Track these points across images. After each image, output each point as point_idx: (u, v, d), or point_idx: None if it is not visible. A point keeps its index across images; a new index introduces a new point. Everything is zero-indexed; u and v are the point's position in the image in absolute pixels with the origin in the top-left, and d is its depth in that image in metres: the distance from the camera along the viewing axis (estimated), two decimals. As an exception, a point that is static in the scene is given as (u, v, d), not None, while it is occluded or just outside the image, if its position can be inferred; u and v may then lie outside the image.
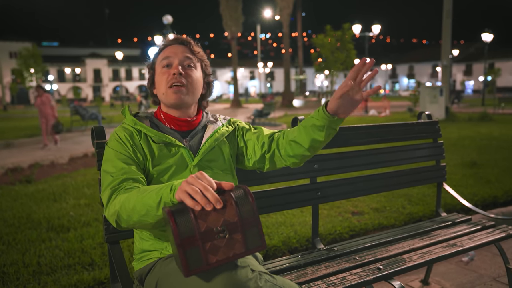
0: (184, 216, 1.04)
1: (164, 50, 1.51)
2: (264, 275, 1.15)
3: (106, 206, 1.30)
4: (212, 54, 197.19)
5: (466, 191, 4.50)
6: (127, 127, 1.44)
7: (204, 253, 1.04)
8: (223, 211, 1.06)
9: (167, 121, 1.50)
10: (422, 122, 2.49)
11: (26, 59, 19.95)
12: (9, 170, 6.92)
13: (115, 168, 1.34)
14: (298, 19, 49.36)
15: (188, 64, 1.48)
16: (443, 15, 16.82)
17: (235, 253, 1.06)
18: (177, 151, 1.43)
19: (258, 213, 1.11)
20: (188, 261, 1.03)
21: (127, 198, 1.22)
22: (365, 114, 20.76)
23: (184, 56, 1.48)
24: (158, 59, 1.51)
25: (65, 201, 4.46)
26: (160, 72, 1.48)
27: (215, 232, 1.05)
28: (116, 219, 1.25)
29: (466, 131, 11.02)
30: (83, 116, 15.43)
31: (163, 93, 1.47)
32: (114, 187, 1.30)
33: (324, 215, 3.88)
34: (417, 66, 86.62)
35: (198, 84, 1.51)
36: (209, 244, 1.04)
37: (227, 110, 29.89)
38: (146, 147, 1.41)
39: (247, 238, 1.08)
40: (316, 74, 66.79)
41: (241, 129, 1.61)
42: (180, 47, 1.50)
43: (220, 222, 1.05)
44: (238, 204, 1.08)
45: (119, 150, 1.38)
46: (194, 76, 1.49)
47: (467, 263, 2.90)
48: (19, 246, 3.14)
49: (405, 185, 2.42)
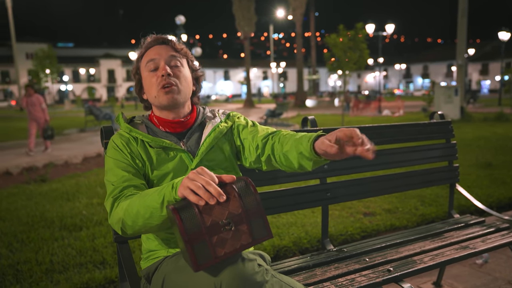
0: (189, 212, 1.05)
1: (146, 53, 1.47)
2: (270, 270, 1.15)
3: (110, 215, 1.30)
4: (225, 54, 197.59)
5: (481, 192, 4.43)
6: (123, 133, 1.43)
7: (212, 247, 1.05)
8: (227, 204, 1.07)
9: (161, 125, 1.47)
10: (435, 122, 2.46)
11: (42, 60, 20.27)
12: (25, 169, 7.03)
13: (116, 177, 1.33)
14: (311, 18, 49.23)
15: (174, 63, 1.45)
16: (458, 14, 16.59)
17: (242, 244, 1.07)
18: (175, 155, 1.41)
19: (262, 203, 1.11)
20: (197, 256, 1.04)
21: (129, 204, 1.22)
22: (379, 114, 20.60)
23: (169, 56, 1.44)
24: (142, 63, 1.47)
25: (78, 200, 4.51)
26: (148, 76, 1.45)
27: (221, 225, 1.06)
28: (121, 226, 1.25)
29: (481, 132, 10.85)
30: (97, 116, 15.59)
31: (154, 96, 1.43)
32: (115, 195, 1.30)
33: (336, 215, 3.85)
34: (432, 66, 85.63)
35: (188, 82, 1.48)
36: (216, 238, 1.05)
37: (240, 110, 29.92)
38: (144, 153, 1.39)
39: (253, 229, 1.09)
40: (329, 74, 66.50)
41: (238, 127, 1.54)
42: (162, 47, 1.46)
43: (225, 215, 1.06)
44: (241, 195, 1.09)
45: (118, 158, 1.37)
46: (182, 74, 1.45)
47: (481, 266, 2.85)
48: (32, 244, 3.18)
49: (417, 186, 2.38)
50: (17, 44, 45.27)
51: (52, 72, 19.99)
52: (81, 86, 74.81)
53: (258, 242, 1.10)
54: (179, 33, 19.92)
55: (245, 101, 37.36)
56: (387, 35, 27.97)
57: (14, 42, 41.41)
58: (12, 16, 38.30)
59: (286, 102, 18.77)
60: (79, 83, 75.19)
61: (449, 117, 14.78)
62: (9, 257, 2.94)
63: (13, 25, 39.05)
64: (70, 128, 16.07)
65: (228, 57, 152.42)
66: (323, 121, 16.14)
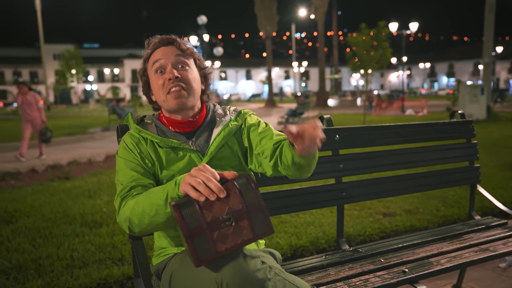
0: (190, 208, 1.07)
1: (153, 54, 1.45)
2: (274, 268, 1.14)
3: (118, 214, 1.32)
4: (247, 53, 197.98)
5: (506, 194, 4.31)
6: (134, 133, 1.43)
7: (213, 242, 1.06)
8: (227, 199, 1.08)
9: (170, 125, 1.47)
10: (455, 121, 2.40)
11: (68, 61, 20.75)
12: (49, 167, 7.21)
13: (125, 177, 1.35)
14: (333, 17, 48.80)
15: (181, 64, 1.43)
16: (485, 10, 16.16)
17: (243, 240, 1.08)
18: (184, 154, 1.40)
19: (263, 199, 1.11)
20: (198, 251, 1.06)
21: (136, 202, 1.24)
22: (402, 114, 20.28)
23: (175, 57, 1.42)
24: (149, 65, 1.46)
25: (99, 198, 4.60)
26: (155, 78, 1.43)
27: (221, 220, 1.07)
28: (129, 225, 1.27)
29: (509, 131, 10.54)
30: (120, 115, 15.89)
31: (163, 100, 1.42)
32: (123, 195, 1.32)
33: (355, 216, 3.81)
34: (457, 64, 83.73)
35: (196, 83, 1.46)
36: (216, 233, 1.07)
37: (261, 109, 29.94)
38: (153, 153, 1.40)
39: (254, 224, 1.09)
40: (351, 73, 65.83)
41: (248, 127, 1.50)
42: (168, 48, 1.44)
43: (225, 211, 1.07)
44: (241, 191, 1.09)
45: (128, 158, 1.38)
46: (190, 76, 1.43)
47: (505, 269, 2.76)
48: (54, 240, 3.26)
49: (436, 186, 2.33)
50: (45, 46, 46.57)
51: (78, 72, 20.45)
52: (105, 86, 76.30)
53: (260, 237, 1.10)
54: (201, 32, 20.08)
55: (267, 101, 37.36)
56: (411, 33, 27.47)
57: (42, 44, 42.57)
58: (41, 18, 39.37)
59: (307, 101, 18.64)
60: (104, 83, 76.73)
61: (474, 117, 14.50)
62: (32, 251, 3.02)
63: (41, 27, 40.13)
64: (94, 127, 16.41)
65: (250, 57, 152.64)
66: (344, 120, 15.98)
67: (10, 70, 71.91)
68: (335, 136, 2.03)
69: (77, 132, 14.16)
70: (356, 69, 13.97)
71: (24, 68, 72.60)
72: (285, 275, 1.15)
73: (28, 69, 72.91)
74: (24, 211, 4.10)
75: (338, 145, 2.04)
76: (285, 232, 3.36)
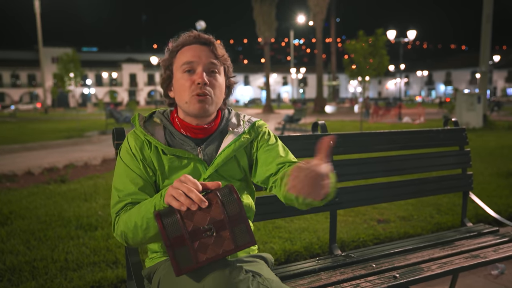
0: (171, 217, 1.08)
1: (183, 50, 1.36)
2: (257, 277, 1.14)
3: (113, 229, 1.32)
4: (245, 59, 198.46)
5: (500, 202, 4.33)
6: (139, 134, 1.37)
7: (194, 252, 1.07)
8: (209, 209, 1.09)
9: (182, 128, 1.40)
10: (448, 129, 2.42)
11: (66, 64, 20.73)
12: (46, 169, 7.20)
13: (123, 187, 1.32)
14: (332, 24, 49.08)
15: (212, 70, 1.36)
16: (482, 20, 16.29)
17: (224, 250, 1.09)
18: (189, 163, 1.36)
19: (244, 210, 1.12)
20: (178, 260, 1.06)
21: (128, 217, 1.25)
22: (399, 121, 20.35)
23: (208, 62, 1.35)
24: (177, 61, 1.37)
25: (95, 201, 4.60)
26: (181, 78, 1.35)
27: (202, 230, 1.08)
28: (124, 239, 1.28)
29: (505, 140, 10.59)
30: (117, 119, 15.89)
31: (186, 101, 1.35)
32: (118, 212, 1.31)
33: (349, 222, 3.82)
34: (455, 73, 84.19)
35: (222, 91, 1.40)
36: (197, 243, 1.07)
37: (258, 115, 30.01)
38: (156, 160, 1.34)
39: (236, 235, 1.10)
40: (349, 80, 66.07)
41: (259, 141, 1.45)
42: (203, 49, 1.36)
43: (207, 221, 1.08)
44: (223, 202, 1.10)
45: (129, 165, 1.34)
46: (218, 84, 1.38)
47: (497, 277, 2.78)
48: (49, 242, 3.26)
49: (429, 193, 2.36)
50: (43, 49, 46.65)
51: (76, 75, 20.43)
52: (103, 90, 76.27)
53: (241, 248, 1.11)
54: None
55: (264, 106, 37.41)
56: (409, 41, 27.67)
57: (41, 47, 42.65)
58: (40, 21, 39.43)
59: (304, 107, 18.71)
60: (102, 87, 76.71)
61: (471, 125, 14.57)
62: (26, 254, 3.02)
63: (40, 30, 40.19)
64: (91, 130, 16.40)
65: (248, 63, 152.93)
66: (341, 127, 16.04)
67: (8, 73, 71.87)
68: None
69: (74, 136, 14.14)
70: (353, 76, 14.03)
71: (22, 71, 72.56)
72: (270, 283, 1.14)
73: (26, 72, 72.86)
74: (19, 213, 4.10)
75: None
76: (279, 237, 3.37)
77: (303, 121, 17.47)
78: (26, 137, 13.43)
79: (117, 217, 1.30)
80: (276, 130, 15.39)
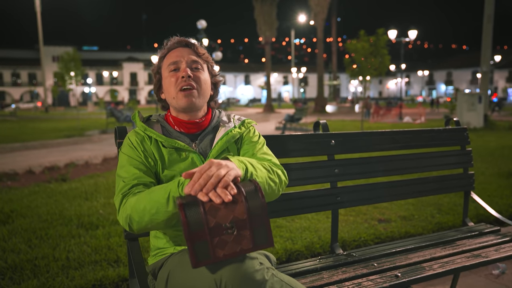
0: (195, 209, 1.07)
1: (169, 54, 1.51)
2: (271, 269, 1.16)
3: (118, 211, 1.34)
4: (246, 59, 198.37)
5: (501, 202, 4.34)
6: (139, 131, 1.47)
7: (212, 247, 1.07)
8: (233, 207, 1.08)
9: (176, 124, 1.51)
10: (449, 128, 2.43)
11: (67, 63, 20.74)
12: (47, 168, 7.21)
13: (127, 173, 1.38)
14: (332, 24, 49.04)
15: (195, 66, 1.48)
16: (483, 20, 16.28)
17: (242, 249, 1.09)
18: (187, 156, 1.44)
19: (267, 210, 1.12)
20: (196, 253, 1.06)
21: (137, 200, 1.27)
22: (399, 121, 20.35)
23: (190, 59, 1.48)
24: (164, 64, 1.51)
25: (96, 200, 4.61)
26: (168, 76, 1.48)
27: (224, 228, 1.07)
28: (129, 222, 1.29)
29: (505, 140, 10.59)
30: (118, 118, 15.90)
31: (173, 97, 1.47)
32: (124, 192, 1.34)
33: (350, 221, 3.83)
34: (456, 73, 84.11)
35: (207, 86, 1.52)
36: (217, 239, 1.07)
37: (259, 115, 29.97)
38: (157, 152, 1.43)
39: (255, 235, 1.10)
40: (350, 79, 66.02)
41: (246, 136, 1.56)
42: (185, 50, 1.50)
43: (229, 219, 1.08)
44: (248, 199, 1.09)
45: (131, 155, 1.41)
46: (202, 78, 1.49)
47: (498, 276, 2.78)
48: (50, 241, 3.27)
49: (430, 192, 2.35)
50: (44, 48, 46.73)
51: (77, 74, 20.44)
52: (104, 89, 76.27)
53: (259, 248, 1.11)
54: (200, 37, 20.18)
55: (265, 106, 37.40)
56: (410, 41, 27.62)
57: (42, 46, 42.64)
58: (40, 20, 39.44)
59: (305, 107, 18.70)
60: (102, 86, 76.70)
61: (471, 125, 14.56)
62: (27, 252, 3.03)
63: (41, 29, 40.20)
64: (92, 129, 16.41)
65: (249, 62, 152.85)
66: (342, 126, 16.04)
67: (8, 72, 71.88)
68: (331, 141, 2.05)
69: (75, 135, 14.15)
70: (354, 75, 14.03)
71: (22, 70, 72.57)
72: (282, 276, 1.17)
73: (27, 70, 72.87)
74: (20, 211, 4.10)
75: (334, 150, 2.06)
76: (280, 236, 3.37)
77: (304, 120, 17.48)
78: (27, 136, 13.44)
79: (124, 199, 1.32)
80: (277, 129, 15.39)
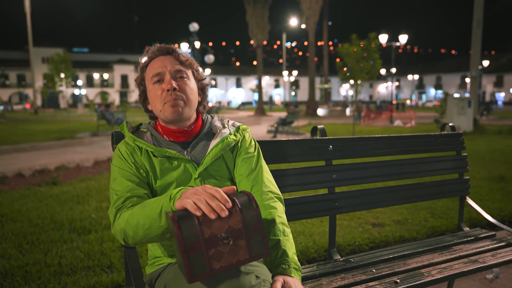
0: (188, 221, 1.05)
1: (151, 64, 1.46)
2: (267, 282, 1.14)
3: (113, 225, 1.32)
4: (238, 61, 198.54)
5: (493, 206, 4.37)
6: (129, 142, 1.43)
7: (208, 259, 1.04)
8: (228, 218, 1.07)
9: (165, 134, 1.47)
10: (445, 134, 2.44)
11: (57, 64, 20.49)
12: (37, 171, 7.11)
13: (120, 186, 1.35)
14: (324, 28, 49.27)
15: (180, 76, 1.43)
16: (473, 25, 16.48)
17: (238, 260, 1.07)
18: (179, 164, 1.40)
19: (262, 220, 1.11)
20: (192, 267, 1.04)
21: (130, 214, 1.25)
22: (390, 125, 20.48)
23: (174, 69, 1.42)
24: (147, 75, 1.46)
25: (88, 204, 4.55)
26: (153, 88, 1.43)
27: (219, 238, 1.06)
28: (123, 237, 1.27)
29: (495, 144, 10.71)
30: (109, 121, 15.76)
31: (160, 110, 1.42)
32: (118, 206, 1.32)
33: (344, 226, 3.83)
34: (445, 77, 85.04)
35: (194, 94, 1.46)
36: (213, 251, 1.05)
37: (251, 118, 29.96)
38: (147, 162, 1.40)
39: (251, 245, 1.08)
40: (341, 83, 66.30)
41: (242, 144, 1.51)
42: (167, 58, 1.44)
43: (224, 229, 1.06)
44: (242, 210, 1.08)
45: (122, 167, 1.39)
46: (188, 88, 1.43)
47: (492, 281, 2.80)
48: (42, 246, 3.21)
49: (426, 197, 2.36)
50: (33, 49, 46.23)
51: (67, 76, 20.22)
52: (94, 91, 75.70)
53: (255, 259, 1.09)
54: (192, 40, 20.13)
55: (256, 109, 37.39)
56: (401, 45, 27.87)
57: (31, 47, 42.19)
58: (30, 21, 39.08)
59: (297, 110, 18.76)
60: (93, 88, 76.12)
61: (461, 129, 14.70)
62: (18, 258, 2.97)
63: (30, 30, 39.83)
64: (83, 131, 16.25)
65: (241, 65, 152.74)
66: (334, 130, 16.09)
67: (-4, 73, 71.06)
68: (329, 147, 2.05)
69: (65, 137, 13.99)
70: (346, 79, 14.08)
71: (11, 71, 71.75)
72: None
73: (15, 72, 72.04)
74: (10, 216, 4.04)
75: (332, 155, 2.06)
76: (275, 241, 3.35)
77: (296, 123, 17.50)
78: (16, 138, 13.26)
79: (118, 213, 1.30)
80: (269, 132, 15.39)
